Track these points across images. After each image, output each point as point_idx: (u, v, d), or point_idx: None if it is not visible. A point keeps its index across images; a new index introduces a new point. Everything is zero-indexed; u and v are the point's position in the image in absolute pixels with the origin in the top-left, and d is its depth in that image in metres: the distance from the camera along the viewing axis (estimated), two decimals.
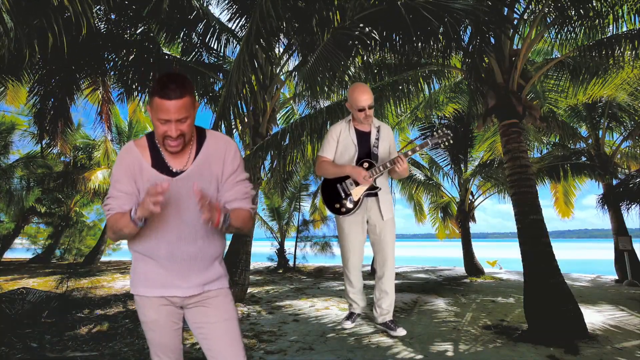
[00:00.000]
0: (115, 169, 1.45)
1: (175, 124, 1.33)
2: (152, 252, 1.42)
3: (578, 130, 10.04)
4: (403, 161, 2.36)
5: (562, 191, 12.37)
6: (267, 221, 13.23)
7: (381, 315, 2.65)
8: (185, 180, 1.41)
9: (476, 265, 10.44)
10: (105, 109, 7.35)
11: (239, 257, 6.04)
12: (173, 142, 1.35)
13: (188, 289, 1.43)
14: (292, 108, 9.07)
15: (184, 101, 1.31)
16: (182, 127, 1.34)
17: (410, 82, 5.93)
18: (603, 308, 5.57)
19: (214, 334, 1.44)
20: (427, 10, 3.39)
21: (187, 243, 1.42)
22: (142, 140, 1.47)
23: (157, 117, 1.32)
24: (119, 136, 14.31)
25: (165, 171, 1.41)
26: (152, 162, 1.42)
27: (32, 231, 16.79)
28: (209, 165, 1.45)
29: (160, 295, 1.43)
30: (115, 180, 1.43)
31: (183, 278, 1.42)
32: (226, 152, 1.49)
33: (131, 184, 1.41)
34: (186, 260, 1.42)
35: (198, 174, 1.43)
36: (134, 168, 1.41)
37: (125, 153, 1.44)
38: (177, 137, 1.35)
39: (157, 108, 1.31)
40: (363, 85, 2.54)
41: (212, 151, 1.47)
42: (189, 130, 1.37)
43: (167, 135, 1.34)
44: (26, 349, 3.65)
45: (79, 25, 3.08)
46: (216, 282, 1.49)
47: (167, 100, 1.29)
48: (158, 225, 1.40)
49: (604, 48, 4.95)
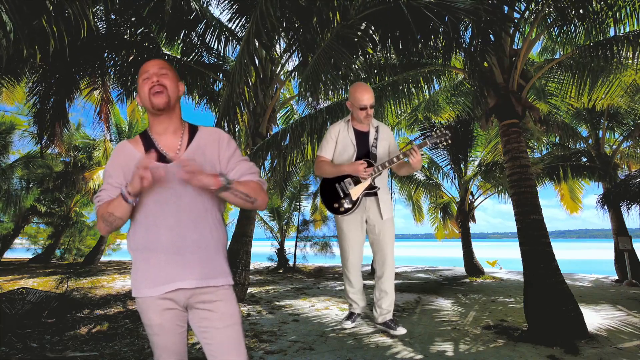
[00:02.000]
0: (107, 165, 1.50)
1: (157, 75, 1.45)
2: (153, 242, 1.39)
3: (578, 131, 10.04)
4: (417, 152, 2.34)
5: (567, 188, 12.35)
6: (267, 221, 13.24)
7: (381, 315, 2.65)
8: (179, 166, 1.41)
9: (476, 265, 10.44)
10: (105, 109, 7.34)
11: (239, 257, 6.04)
12: (158, 90, 1.43)
13: (193, 281, 1.39)
14: (292, 108, 9.08)
15: (163, 62, 1.49)
16: (162, 79, 1.45)
17: (411, 82, 5.92)
18: (603, 308, 5.57)
19: (218, 340, 1.42)
20: (429, 10, 3.39)
21: (188, 229, 1.40)
22: (136, 137, 1.53)
23: (141, 79, 1.45)
24: (118, 136, 14.31)
25: (159, 158, 1.44)
26: (145, 150, 1.47)
27: (32, 231, 16.79)
28: (202, 152, 1.49)
29: (164, 292, 1.38)
30: (107, 175, 1.48)
31: (187, 269, 1.39)
32: (219, 139, 1.54)
33: (120, 177, 1.45)
34: (188, 248, 1.39)
35: (192, 160, 1.44)
36: (127, 162, 1.45)
37: (118, 150, 1.51)
38: (160, 85, 1.44)
39: (140, 72, 1.46)
40: (365, 84, 2.54)
41: (205, 138, 1.52)
42: (171, 86, 1.47)
43: (150, 85, 1.44)
44: (26, 349, 3.65)
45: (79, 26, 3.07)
46: (221, 278, 1.46)
47: (148, 62, 1.48)
48: (157, 212, 1.40)
49: (604, 49, 4.94)
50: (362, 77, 5.55)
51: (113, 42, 5.69)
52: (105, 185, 1.47)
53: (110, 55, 5.96)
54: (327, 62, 3.85)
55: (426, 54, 4.40)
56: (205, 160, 1.48)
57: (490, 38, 4.05)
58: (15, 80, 5.48)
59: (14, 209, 12.31)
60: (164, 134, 1.50)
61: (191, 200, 1.42)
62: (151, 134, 1.51)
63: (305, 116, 5.57)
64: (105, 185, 1.47)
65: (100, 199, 1.45)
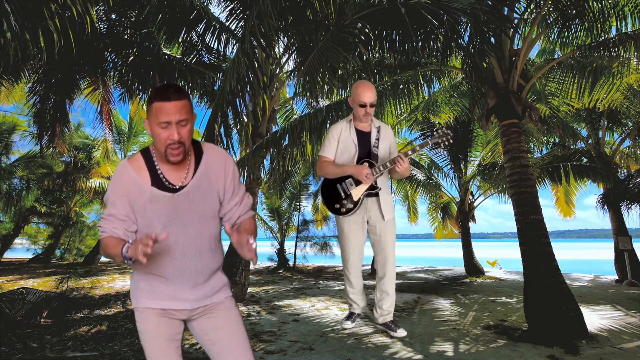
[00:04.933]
0: (110, 190, 1.41)
1: (177, 127, 1.31)
2: (156, 269, 1.41)
3: (578, 131, 10.04)
4: (404, 161, 2.35)
5: (562, 191, 12.37)
6: (267, 221, 13.25)
7: (382, 316, 2.64)
8: (186, 195, 1.40)
9: (476, 265, 10.44)
10: (106, 109, 7.34)
11: (239, 257, 6.04)
12: (175, 150, 1.33)
13: (195, 302, 1.44)
14: (292, 108, 9.07)
15: (183, 103, 1.32)
16: (182, 132, 1.33)
17: (410, 82, 5.92)
18: (603, 308, 5.57)
19: (223, 337, 1.45)
20: (427, 10, 3.39)
21: (192, 258, 1.41)
22: (138, 158, 1.43)
23: (158, 122, 1.30)
24: (118, 136, 14.31)
25: (165, 188, 1.39)
26: (151, 180, 1.39)
27: (32, 231, 16.79)
28: (208, 179, 1.45)
29: (166, 308, 1.42)
30: (110, 203, 1.41)
31: (189, 291, 1.43)
32: (225, 167, 1.50)
33: (126, 206, 1.39)
34: (192, 274, 1.42)
35: (198, 189, 1.43)
36: (131, 190, 1.38)
37: (121, 174, 1.40)
38: (179, 144, 1.33)
39: (157, 112, 1.30)
40: (368, 82, 2.54)
41: (211, 165, 1.47)
42: (188, 137, 1.36)
43: (169, 142, 1.32)
44: (26, 349, 3.65)
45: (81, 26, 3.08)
46: (221, 293, 1.51)
47: (167, 102, 1.29)
48: (163, 244, 1.37)
49: (606, 47, 4.94)
50: (362, 77, 5.55)
51: (113, 42, 5.69)
52: (109, 215, 1.40)
53: (110, 56, 5.96)
54: (322, 63, 3.85)
55: (424, 54, 4.40)
56: (211, 187, 1.46)
57: (489, 38, 4.05)
58: (15, 80, 5.48)
59: (15, 209, 12.31)
60: (172, 164, 1.42)
61: (196, 229, 1.43)
62: (156, 161, 1.42)
63: (304, 115, 5.57)
64: (109, 217, 1.40)
65: (103, 229, 1.40)
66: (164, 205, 1.38)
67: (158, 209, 1.38)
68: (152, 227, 1.38)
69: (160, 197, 1.38)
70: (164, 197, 1.38)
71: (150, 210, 1.37)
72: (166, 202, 1.38)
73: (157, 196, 1.38)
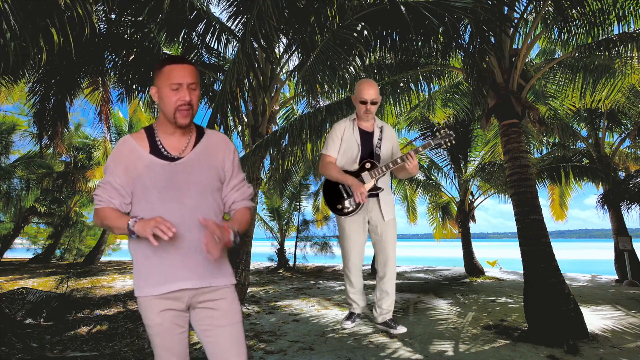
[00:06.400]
0: (109, 159, 1.46)
1: (188, 89, 1.37)
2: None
3: (578, 131, 10.04)
4: (413, 158, 2.34)
5: (558, 193, 12.37)
6: (267, 221, 13.25)
7: (381, 315, 2.65)
8: (184, 166, 1.43)
9: (476, 265, 10.44)
10: (105, 109, 7.34)
11: (239, 257, 6.03)
12: (185, 110, 1.38)
13: (196, 280, 1.41)
14: (292, 108, 9.07)
15: (193, 67, 1.39)
16: (192, 96, 1.38)
17: (411, 82, 5.92)
18: (603, 308, 5.57)
19: (220, 338, 1.43)
20: (427, 9, 3.39)
21: (190, 228, 1.40)
22: (140, 131, 1.49)
23: (170, 83, 1.36)
24: (118, 136, 14.30)
25: (162, 156, 1.43)
26: (150, 149, 1.43)
27: (32, 231, 16.78)
28: (207, 156, 1.48)
29: (167, 292, 1.39)
30: (109, 172, 1.44)
31: (189, 269, 1.40)
32: (227, 148, 1.54)
33: (124, 175, 1.42)
34: (191, 248, 1.40)
35: (197, 161, 1.45)
36: (129, 158, 1.42)
37: (121, 144, 1.45)
38: (189, 105, 1.38)
39: (168, 74, 1.36)
40: (372, 80, 2.54)
41: (212, 143, 1.51)
42: (196, 102, 1.41)
43: (180, 103, 1.37)
44: (26, 349, 3.65)
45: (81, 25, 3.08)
46: (223, 278, 1.48)
47: (179, 64, 1.37)
48: (161, 211, 1.37)
49: (607, 47, 4.93)
50: (362, 77, 5.55)
51: (113, 42, 5.68)
52: (106, 183, 1.43)
53: (110, 56, 5.95)
54: (323, 63, 3.85)
55: (425, 54, 4.40)
56: (210, 163, 1.48)
57: (489, 37, 4.05)
58: (15, 80, 5.48)
59: (14, 209, 12.31)
60: (173, 135, 1.47)
61: (193, 201, 1.42)
62: (157, 132, 1.47)
63: (304, 114, 5.57)
64: (106, 184, 1.43)
65: (100, 198, 1.43)
66: (160, 172, 1.40)
67: (154, 175, 1.40)
68: (148, 195, 1.40)
69: (156, 164, 1.41)
70: (160, 164, 1.41)
71: (147, 176, 1.40)
72: (162, 169, 1.41)
73: (154, 163, 1.41)
